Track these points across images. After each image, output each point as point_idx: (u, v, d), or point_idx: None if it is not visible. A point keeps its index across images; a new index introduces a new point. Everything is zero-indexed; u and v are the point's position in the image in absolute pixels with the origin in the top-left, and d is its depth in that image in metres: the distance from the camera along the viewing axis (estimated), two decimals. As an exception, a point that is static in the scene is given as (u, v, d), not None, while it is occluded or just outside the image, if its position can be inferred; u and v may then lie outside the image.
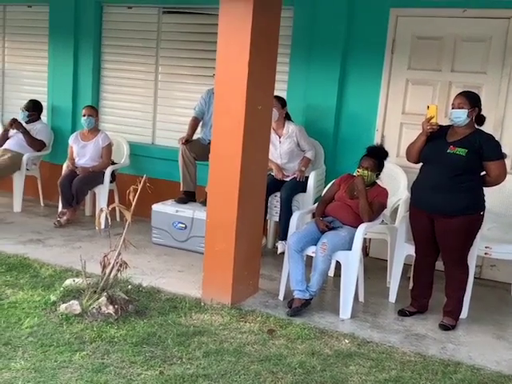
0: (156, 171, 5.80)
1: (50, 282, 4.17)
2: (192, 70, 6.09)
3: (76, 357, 3.14)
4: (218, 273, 4.02)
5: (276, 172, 5.21)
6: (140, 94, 6.40)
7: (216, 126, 3.96)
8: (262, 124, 4.09)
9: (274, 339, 3.57)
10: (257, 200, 4.20)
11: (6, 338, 3.30)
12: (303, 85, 5.41)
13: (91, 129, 5.97)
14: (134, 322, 3.63)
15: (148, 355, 3.23)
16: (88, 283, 3.79)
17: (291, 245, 4.07)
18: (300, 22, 5.37)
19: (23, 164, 6.13)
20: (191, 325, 3.67)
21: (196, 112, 5.64)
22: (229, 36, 3.79)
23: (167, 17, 6.14)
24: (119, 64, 6.44)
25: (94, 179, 5.86)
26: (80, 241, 5.33)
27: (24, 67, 6.95)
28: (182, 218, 5.24)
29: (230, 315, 3.84)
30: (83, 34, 6.40)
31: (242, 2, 3.70)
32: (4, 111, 7.14)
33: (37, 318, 3.57)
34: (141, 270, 4.55)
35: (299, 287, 3.98)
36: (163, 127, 6.34)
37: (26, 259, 4.65)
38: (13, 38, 6.99)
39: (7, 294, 3.94)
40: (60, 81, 6.57)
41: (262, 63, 3.88)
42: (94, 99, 6.49)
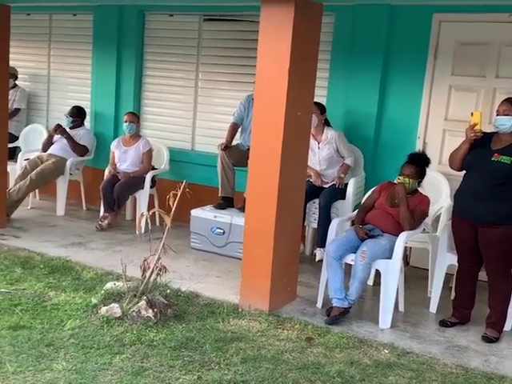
0: (195, 177, 5.84)
1: (91, 285, 4.25)
2: (231, 77, 6.13)
3: (116, 359, 3.19)
4: (256, 279, 4.01)
5: (315, 178, 5.18)
6: (180, 101, 6.48)
7: (255, 132, 3.97)
8: (302, 130, 4.08)
9: (312, 347, 3.55)
10: (295, 206, 4.18)
11: (48, 339, 3.37)
12: (343, 90, 5.38)
13: (132, 135, 6.08)
14: (173, 326, 3.66)
15: (186, 360, 3.25)
16: (128, 287, 3.85)
17: (330, 252, 4.03)
18: (341, 27, 5.35)
19: (67, 169, 6.27)
20: (229, 330, 3.68)
21: (235, 118, 5.68)
22: (269, 43, 3.80)
23: (208, 24, 6.20)
24: (160, 71, 6.54)
25: (135, 184, 5.95)
26: (120, 244, 5.42)
27: (68, 74, 7.13)
28: (220, 224, 5.27)
29: (267, 322, 3.83)
30: (126, 42, 6.53)
31: (283, 8, 3.70)
32: (49, 117, 7.34)
33: (78, 320, 3.64)
34: (179, 274, 4.58)
35: (338, 295, 3.95)
36: (202, 133, 6.39)
37: (68, 262, 4.75)
38: (58, 46, 7.17)
39: (50, 295, 4.03)
40: (103, 87, 6.71)
41: (302, 70, 3.88)
42: (136, 106, 6.60)
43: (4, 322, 3.55)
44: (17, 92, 6.96)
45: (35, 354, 3.18)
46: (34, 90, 7.37)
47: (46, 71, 7.29)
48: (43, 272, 4.46)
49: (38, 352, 3.20)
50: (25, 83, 7.28)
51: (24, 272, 4.42)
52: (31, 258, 4.79)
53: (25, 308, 3.77)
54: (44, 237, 5.43)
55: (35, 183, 6.04)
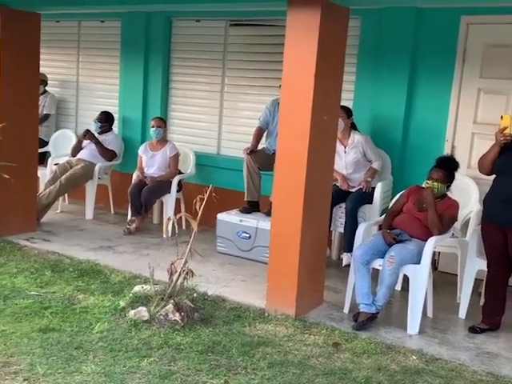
0: (221, 181, 5.85)
1: (119, 288, 4.30)
2: (257, 81, 6.15)
3: (144, 363, 3.21)
4: (282, 284, 4.01)
5: (341, 182, 5.16)
6: (206, 105, 6.52)
7: (281, 136, 3.97)
8: (328, 134, 4.07)
9: (339, 353, 3.52)
10: (322, 211, 4.17)
11: (77, 341, 3.42)
12: (370, 94, 5.35)
13: (159, 139, 6.13)
14: (200, 329, 3.68)
15: (213, 364, 3.26)
16: (156, 290, 3.88)
17: (357, 257, 4.01)
18: (367, 31, 5.33)
19: (95, 173, 6.36)
20: (255, 335, 3.68)
21: (261, 122, 5.69)
22: (295, 47, 3.80)
23: (234, 29, 6.24)
24: (186, 76, 6.59)
25: (162, 188, 6.00)
26: (148, 248, 5.47)
27: (97, 80, 7.24)
28: (246, 228, 5.28)
29: (294, 327, 3.82)
30: (153, 48, 6.60)
31: (309, 12, 3.70)
32: (78, 122, 7.46)
33: (107, 323, 3.69)
34: (206, 278, 4.60)
35: (365, 301, 3.92)
36: (228, 137, 6.42)
37: (96, 265, 4.81)
38: (87, 52, 7.29)
39: (79, 298, 4.09)
40: (130, 93, 6.79)
41: (328, 73, 3.87)
42: (163, 111, 6.67)
43: (34, 324, 3.61)
44: (47, 98, 7.09)
45: (65, 356, 3.23)
46: (63, 95, 7.50)
47: (74, 77, 7.41)
48: (72, 275, 4.52)
49: (68, 354, 3.25)
50: (54, 89, 7.41)
51: (54, 275, 4.49)
52: (61, 261, 4.87)
53: (54, 311, 3.83)
54: (73, 240, 5.51)
55: (65, 188, 6.14)
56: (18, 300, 3.96)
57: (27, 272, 4.51)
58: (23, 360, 3.17)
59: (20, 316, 3.71)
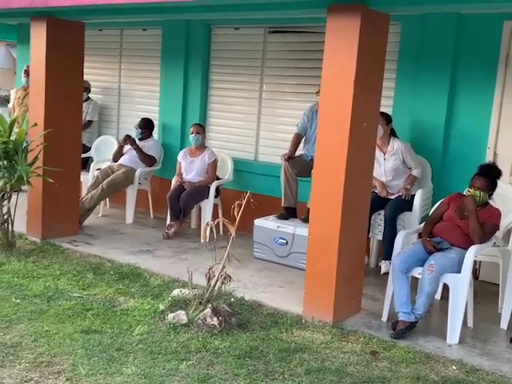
0: (258, 187, 5.89)
1: (158, 292, 4.36)
2: (295, 88, 6.17)
3: (182, 366, 3.26)
4: (320, 290, 4.00)
5: (380, 189, 5.12)
6: (244, 112, 6.57)
7: (320, 143, 3.97)
8: (367, 141, 4.05)
9: (377, 361, 3.50)
10: (360, 218, 4.15)
11: (118, 343, 3.49)
12: (410, 100, 5.30)
13: (198, 146, 6.21)
14: (237, 334, 3.70)
15: (251, 369, 3.28)
16: (194, 294, 3.93)
17: (396, 265, 3.97)
18: (407, 37, 5.28)
19: (136, 179, 6.48)
20: (292, 341, 3.68)
21: (299, 128, 5.70)
22: (335, 53, 3.80)
23: (272, 36, 6.28)
24: (225, 83, 6.66)
25: (200, 194, 6.07)
26: (186, 253, 5.53)
27: (138, 87, 7.39)
28: (283, 234, 5.29)
29: (331, 334, 3.81)
30: (192, 55, 6.70)
31: (349, 19, 3.70)
32: (119, 128, 7.62)
33: (146, 325, 3.75)
34: (243, 283, 4.63)
35: (404, 309, 3.87)
36: (266, 144, 6.45)
37: (136, 268, 4.90)
38: (128, 60, 7.46)
39: (120, 301, 4.17)
40: (170, 100, 6.91)
41: (367, 80, 3.86)
42: (202, 117, 6.75)
43: (77, 325, 3.70)
44: (90, 105, 7.27)
45: (106, 357, 3.30)
46: (105, 102, 7.68)
47: (116, 84, 7.59)
48: (113, 278, 4.62)
49: (109, 356, 3.32)
50: (97, 96, 7.60)
51: (95, 278, 4.59)
52: (102, 264, 4.98)
53: (96, 312, 3.92)
54: (114, 244, 5.63)
55: (106, 192, 6.28)
56: (61, 301, 4.07)
57: (70, 274, 4.63)
58: (66, 360, 3.25)
59: (63, 317, 3.81)
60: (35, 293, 4.18)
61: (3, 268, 4.64)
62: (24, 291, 4.20)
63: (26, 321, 3.72)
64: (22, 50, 8.59)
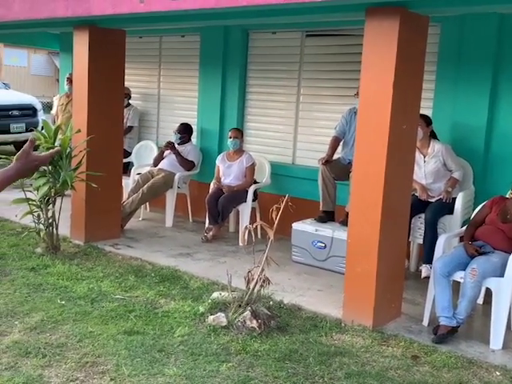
0: (296, 190, 5.89)
1: (198, 294, 4.42)
2: (333, 91, 6.16)
3: (223, 367, 3.30)
4: (360, 294, 3.99)
5: (420, 192, 5.06)
6: (282, 116, 6.60)
7: (359, 146, 3.96)
8: (407, 143, 4.02)
9: (419, 365, 3.46)
10: (400, 221, 4.12)
11: (160, 344, 3.56)
12: (450, 102, 5.22)
13: (236, 150, 6.26)
14: (277, 337, 3.72)
15: (290, 372, 3.29)
16: (233, 297, 3.97)
17: (437, 269, 3.92)
18: (447, 38, 5.21)
19: (175, 183, 6.58)
20: (332, 345, 3.68)
21: (337, 131, 5.69)
22: (374, 56, 3.79)
23: (310, 40, 6.29)
24: (263, 87, 6.70)
25: (238, 197, 6.12)
26: (225, 256, 5.58)
27: (177, 93, 7.50)
28: (321, 237, 5.28)
29: (371, 338, 3.79)
30: (230, 60, 6.77)
31: (388, 22, 3.69)
32: (159, 134, 7.75)
33: (187, 327, 3.81)
34: (282, 286, 4.64)
35: (445, 314, 3.82)
36: (303, 147, 6.46)
37: (176, 271, 4.97)
38: (167, 66, 7.58)
39: (161, 303, 4.24)
40: (209, 105, 6.99)
41: (407, 82, 3.84)
42: (239, 122, 6.81)
43: (120, 326, 3.79)
44: (130, 111, 7.42)
45: (148, 358, 3.37)
46: (145, 108, 7.83)
47: (156, 90, 7.72)
48: (154, 280, 4.70)
49: (151, 357, 3.39)
50: (137, 102, 7.76)
51: (137, 280, 4.69)
52: (143, 266, 5.07)
53: (138, 314, 4.00)
54: (154, 247, 5.73)
55: (146, 196, 6.39)
56: (104, 303, 4.17)
57: (112, 276, 4.73)
58: (110, 361, 3.33)
59: (106, 318, 3.91)
60: (79, 295, 4.29)
61: (49, 270, 4.78)
62: (69, 293, 4.32)
63: (71, 322, 3.83)
64: (65, 58, 8.85)
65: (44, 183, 4.96)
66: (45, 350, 3.40)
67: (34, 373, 3.15)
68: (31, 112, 11.29)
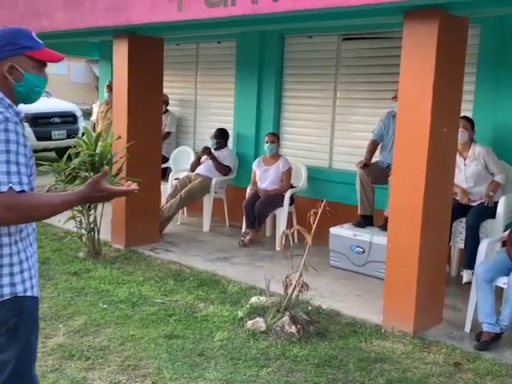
0: (333, 194, 5.87)
1: (236, 299, 4.45)
2: (370, 94, 6.11)
3: (262, 372, 3.31)
4: (400, 300, 3.94)
5: (461, 196, 4.96)
6: (318, 120, 6.58)
7: (398, 150, 3.92)
8: (447, 147, 3.96)
9: (461, 373, 3.40)
10: (441, 225, 4.05)
11: (200, 348, 3.59)
12: (491, 104, 5.12)
13: (273, 154, 6.28)
14: (316, 343, 3.71)
15: (330, 377, 3.28)
16: (272, 302, 3.98)
17: (480, 274, 3.84)
18: (487, 39, 5.12)
19: (212, 187, 6.63)
20: (372, 351, 3.65)
21: (375, 135, 5.64)
22: (412, 59, 3.76)
23: (346, 43, 6.26)
24: (299, 92, 6.70)
25: (275, 202, 6.13)
26: (262, 260, 5.60)
27: (213, 99, 7.57)
28: (359, 242, 5.24)
29: (412, 344, 3.74)
30: (266, 65, 6.79)
31: (427, 24, 3.65)
32: (196, 139, 7.84)
33: (226, 332, 3.83)
34: (320, 292, 4.62)
35: (488, 320, 3.74)
36: (340, 151, 6.42)
37: (214, 275, 5.01)
38: (204, 73, 7.66)
39: (200, 307, 4.28)
40: (245, 110, 7.03)
41: (447, 85, 3.78)
42: (275, 126, 6.82)
43: (160, 330, 3.84)
44: (168, 117, 7.52)
45: (189, 362, 3.41)
46: (182, 114, 7.93)
47: (193, 96, 7.81)
48: (193, 284, 4.75)
49: (191, 361, 3.43)
50: (174, 108, 7.86)
51: (176, 284, 4.74)
52: (182, 270, 5.13)
53: (178, 318, 4.05)
54: (192, 251, 5.78)
55: (184, 201, 6.47)
56: (145, 307, 4.23)
57: (152, 281, 4.80)
58: (151, 364, 3.39)
59: (147, 322, 3.97)
60: (121, 298, 4.37)
61: (91, 274, 4.89)
62: (110, 297, 4.40)
63: (113, 325, 3.90)
64: (104, 66, 9.04)
65: (86, 189, 5.07)
66: (88, 353, 3.47)
67: (77, 375, 3.22)
68: (72, 119, 11.58)
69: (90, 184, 1.96)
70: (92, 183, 1.95)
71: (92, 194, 1.94)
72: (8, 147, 1.84)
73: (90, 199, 2.00)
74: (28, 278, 1.99)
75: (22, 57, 2.01)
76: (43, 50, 2.06)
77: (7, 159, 1.83)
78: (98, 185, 1.95)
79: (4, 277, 1.93)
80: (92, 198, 1.98)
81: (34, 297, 2.01)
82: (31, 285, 2.00)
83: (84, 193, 1.95)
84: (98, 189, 1.95)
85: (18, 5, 6.17)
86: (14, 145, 1.85)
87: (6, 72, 1.98)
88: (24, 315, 1.98)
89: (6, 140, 1.84)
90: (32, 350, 2.07)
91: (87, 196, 1.96)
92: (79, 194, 1.95)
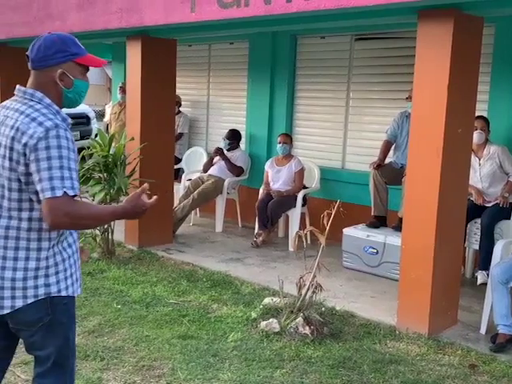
0: (346, 195, 5.85)
1: (249, 299, 4.44)
2: (383, 94, 6.09)
3: (277, 373, 3.30)
4: (415, 301, 3.91)
5: (476, 197, 4.93)
6: (330, 120, 6.56)
7: (412, 150, 3.90)
8: (462, 147, 3.93)
9: (477, 375, 3.38)
10: (456, 226, 4.02)
11: (213, 349, 3.59)
12: (506, 103, 5.08)
13: (285, 155, 6.27)
14: (330, 344, 3.70)
15: (345, 379, 3.27)
16: (285, 303, 3.97)
17: (495, 276, 3.81)
18: (502, 38, 5.07)
19: (225, 188, 6.64)
20: (386, 352, 3.63)
21: (388, 135, 5.62)
22: (427, 59, 3.74)
23: (359, 43, 6.24)
24: (311, 92, 6.69)
25: (288, 202, 6.12)
26: (275, 261, 5.59)
27: (225, 99, 7.58)
28: (373, 243, 5.22)
29: (427, 346, 3.72)
30: (278, 66, 6.79)
31: (441, 24, 3.63)
32: (208, 140, 7.85)
33: (240, 332, 3.83)
34: (333, 293, 4.60)
35: (504, 322, 3.71)
36: (353, 151, 6.40)
37: (227, 276, 5.01)
38: (216, 74, 7.67)
39: (213, 308, 4.29)
40: (257, 111, 7.02)
41: (462, 85, 3.76)
42: (288, 127, 6.81)
43: (174, 331, 3.85)
44: (180, 118, 7.54)
45: (203, 363, 3.41)
46: (194, 115, 7.95)
47: (205, 97, 7.83)
48: (206, 285, 4.75)
49: (206, 361, 3.43)
50: (187, 109, 7.88)
51: (189, 285, 4.75)
52: (195, 271, 5.14)
53: (192, 319, 4.05)
54: (205, 252, 5.79)
55: (197, 202, 6.48)
56: (158, 307, 4.24)
57: (165, 281, 4.81)
58: (165, 364, 3.39)
59: (161, 323, 3.98)
60: (134, 299, 4.39)
61: (105, 275, 4.91)
62: (124, 297, 4.42)
63: (127, 326, 3.91)
64: (117, 68, 9.09)
65: (100, 190, 5.10)
66: (103, 354, 3.49)
67: (93, 375, 3.24)
68: (85, 120, 11.64)
69: (131, 200, 2.04)
70: (134, 199, 2.04)
71: (135, 209, 2.04)
72: (60, 153, 1.91)
73: (133, 214, 2.08)
74: (63, 278, 2.08)
75: (71, 63, 2.07)
76: (87, 55, 2.13)
77: (61, 165, 1.90)
78: (139, 200, 2.03)
79: (39, 278, 2.02)
80: (136, 214, 2.07)
81: (69, 296, 2.11)
82: (66, 285, 2.09)
83: (128, 208, 2.04)
84: (139, 203, 2.04)
85: (31, 7, 6.23)
86: (65, 150, 1.92)
87: (58, 79, 2.04)
88: (57, 313, 2.08)
89: (59, 146, 1.91)
90: (70, 345, 2.18)
91: (131, 211, 2.05)
92: (125, 209, 2.05)
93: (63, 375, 2.17)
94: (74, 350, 2.23)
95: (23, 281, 2.01)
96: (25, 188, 1.96)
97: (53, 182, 1.89)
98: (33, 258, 2.01)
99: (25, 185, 1.96)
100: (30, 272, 2.01)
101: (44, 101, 2.01)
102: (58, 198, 1.89)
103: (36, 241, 2.01)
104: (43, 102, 2.01)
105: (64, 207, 1.90)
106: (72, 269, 2.12)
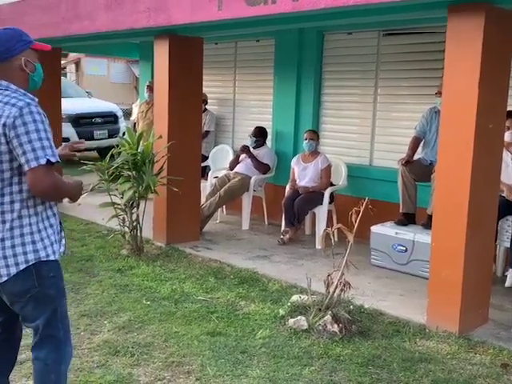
0: (374, 192, 5.77)
1: (277, 297, 4.44)
2: (412, 90, 6.02)
3: (305, 371, 3.30)
4: (445, 300, 3.87)
5: (508, 193, 4.84)
6: (358, 117, 6.52)
7: (442, 147, 3.85)
8: (494, 143, 3.87)
9: (509, 374, 3.32)
10: (487, 224, 3.96)
11: (242, 346, 3.61)
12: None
13: (312, 151, 6.25)
14: (358, 342, 3.68)
15: (374, 377, 3.25)
16: (313, 300, 3.96)
17: (528, 274, 3.75)
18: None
19: (251, 186, 6.64)
20: (416, 351, 3.59)
21: (417, 132, 5.55)
22: (457, 55, 3.68)
23: (387, 39, 6.18)
24: (338, 88, 6.65)
25: (314, 199, 6.09)
26: (302, 259, 5.58)
27: (251, 97, 7.59)
28: (402, 241, 5.17)
29: (457, 344, 3.67)
30: (305, 63, 6.76)
31: (472, 19, 3.57)
32: (234, 138, 7.87)
33: (268, 330, 3.84)
34: (361, 291, 4.57)
35: (537, 321, 3.65)
36: (381, 148, 6.35)
37: (255, 273, 5.02)
38: (242, 71, 7.68)
39: (241, 305, 4.30)
40: (283, 108, 7.01)
41: (493, 80, 3.69)
42: (314, 123, 6.78)
43: (203, 327, 3.87)
44: (207, 116, 7.58)
45: (232, 359, 3.43)
46: (221, 113, 7.98)
47: (231, 95, 7.85)
48: (233, 282, 4.77)
49: (234, 358, 3.45)
50: (213, 107, 7.91)
51: (217, 281, 4.78)
52: (222, 268, 5.16)
53: (220, 315, 4.07)
54: (232, 249, 5.81)
55: (223, 199, 6.50)
56: (187, 304, 4.28)
57: (193, 278, 4.85)
58: (194, 361, 3.42)
59: (190, 319, 4.01)
60: (163, 295, 4.43)
61: (134, 271, 4.97)
62: (153, 294, 4.47)
63: (157, 322, 3.95)
64: (144, 67, 9.17)
65: (129, 188, 5.16)
66: (133, 349, 3.53)
67: (123, 371, 3.28)
68: (113, 119, 11.78)
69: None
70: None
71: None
72: (37, 126, 2.16)
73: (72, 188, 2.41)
74: (49, 244, 2.30)
75: (29, 50, 2.34)
76: (36, 42, 2.39)
77: (39, 136, 2.15)
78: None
79: (27, 244, 2.25)
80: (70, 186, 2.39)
81: (55, 260, 2.33)
82: (53, 250, 2.31)
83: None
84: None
85: (60, 7, 6.32)
86: (40, 124, 2.17)
87: (24, 65, 2.30)
88: (45, 285, 2.29)
89: (34, 120, 2.16)
90: (59, 318, 2.36)
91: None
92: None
93: (57, 348, 2.34)
94: (66, 325, 2.39)
95: (12, 248, 2.22)
96: (9, 166, 2.19)
97: (36, 153, 2.13)
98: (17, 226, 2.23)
99: (9, 162, 2.18)
100: (17, 239, 2.23)
101: (10, 87, 2.24)
102: (42, 167, 2.13)
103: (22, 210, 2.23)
104: (10, 88, 2.24)
105: (48, 174, 2.16)
106: (56, 235, 2.35)
